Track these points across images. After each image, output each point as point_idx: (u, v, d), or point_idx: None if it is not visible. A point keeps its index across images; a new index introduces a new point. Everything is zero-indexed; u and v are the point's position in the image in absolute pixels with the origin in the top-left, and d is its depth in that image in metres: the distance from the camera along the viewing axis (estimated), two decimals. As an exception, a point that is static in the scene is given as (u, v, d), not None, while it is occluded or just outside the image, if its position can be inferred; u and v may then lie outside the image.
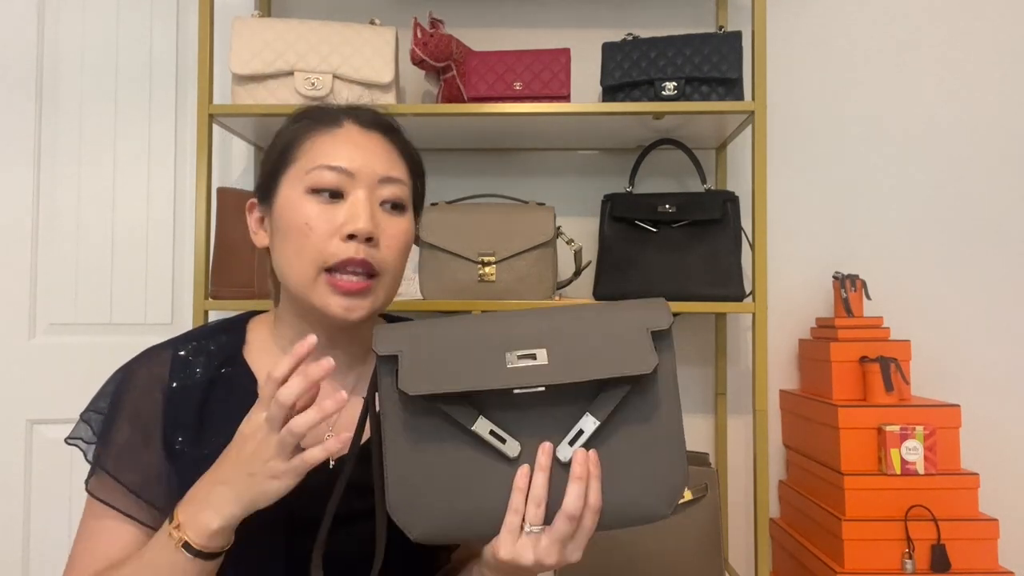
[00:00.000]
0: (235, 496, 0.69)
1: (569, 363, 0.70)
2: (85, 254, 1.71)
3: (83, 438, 0.83)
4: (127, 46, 1.73)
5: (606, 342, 0.71)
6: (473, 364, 0.69)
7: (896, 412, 1.44)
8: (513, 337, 0.71)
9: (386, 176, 0.82)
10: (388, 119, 0.89)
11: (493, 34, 1.75)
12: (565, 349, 0.70)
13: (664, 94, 1.43)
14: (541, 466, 0.69)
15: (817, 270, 1.73)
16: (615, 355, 0.70)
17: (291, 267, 0.80)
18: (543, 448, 0.69)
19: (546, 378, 0.69)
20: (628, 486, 0.71)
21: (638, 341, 0.71)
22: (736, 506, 1.71)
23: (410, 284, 1.55)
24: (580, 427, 0.70)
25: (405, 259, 0.86)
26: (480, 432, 0.69)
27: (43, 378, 1.68)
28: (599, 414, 0.70)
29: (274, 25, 1.43)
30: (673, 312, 1.64)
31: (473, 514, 0.69)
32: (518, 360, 0.70)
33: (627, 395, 0.71)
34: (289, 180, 0.82)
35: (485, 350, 0.70)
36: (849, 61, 1.75)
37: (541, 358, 0.70)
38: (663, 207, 1.50)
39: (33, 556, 1.66)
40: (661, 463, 0.71)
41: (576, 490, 0.68)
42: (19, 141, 1.70)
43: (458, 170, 1.76)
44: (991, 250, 1.73)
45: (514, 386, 0.68)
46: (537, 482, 0.68)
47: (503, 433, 0.70)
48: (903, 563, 1.36)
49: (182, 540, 0.69)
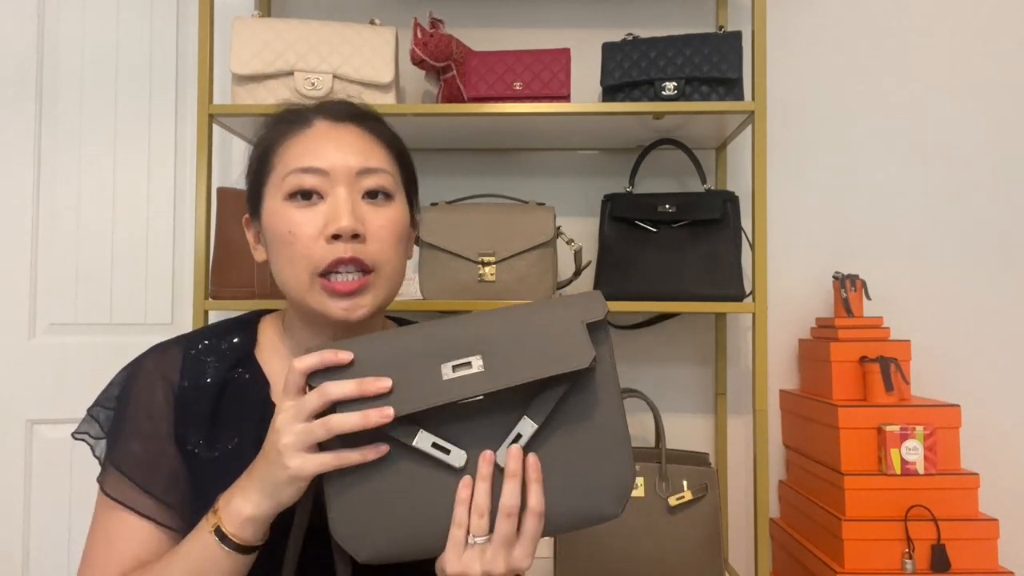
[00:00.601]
0: (261, 485, 0.68)
1: (505, 368, 0.68)
2: (85, 254, 1.71)
3: (90, 433, 0.82)
4: (127, 46, 1.73)
5: (541, 341, 0.69)
6: (409, 381, 0.67)
7: (896, 412, 1.44)
8: (446, 347, 0.69)
9: (364, 168, 0.79)
10: (362, 108, 0.86)
11: (493, 34, 1.75)
12: (500, 353, 0.69)
13: (664, 94, 1.43)
14: (482, 476, 0.67)
15: (817, 270, 1.73)
16: (551, 353, 0.68)
17: (286, 277, 0.79)
18: (483, 457, 0.67)
19: (483, 386, 0.67)
20: (573, 486, 0.69)
21: (573, 336, 0.69)
22: (736, 506, 1.71)
23: (410, 284, 1.55)
24: (518, 431, 0.68)
25: (403, 248, 0.83)
26: (422, 447, 0.67)
27: (43, 378, 1.68)
28: (537, 416, 0.68)
29: (274, 25, 1.43)
30: (673, 312, 1.66)
31: (420, 531, 0.68)
32: (453, 372, 0.68)
33: (565, 393, 0.69)
34: (270, 190, 0.81)
35: (420, 365, 0.68)
36: (849, 61, 1.75)
37: (476, 366, 0.68)
38: (663, 207, 1.50)
39: (33, 556, 1.66)
40: (606, 461, 0.70)
41: (511, 488, 0.66)
42: (19, 141, 1.70)
43: (458, 170, 1.76)
44: (991, 250, 1.73)
45: (451, 399, 0.67)
46: (479, 491, 0.67)
47: (446, 444, 0.68)
48: (903, 563, 1.36)
49: (216, 525, 0.69)
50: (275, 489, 0.68)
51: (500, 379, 0.67)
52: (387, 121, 0.87)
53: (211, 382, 0.81)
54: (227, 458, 0.75)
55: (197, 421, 0.79)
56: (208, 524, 0.70)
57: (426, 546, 0.68)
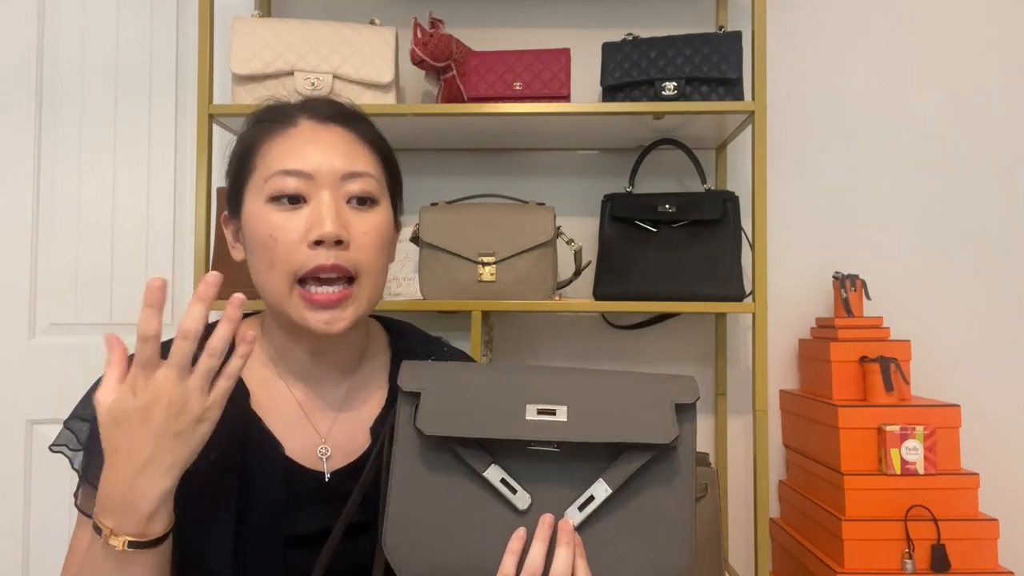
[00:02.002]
0: (166, 467, 0.66)
1: (588, 423, 0.69)
2: (85, 254, 1.71)
3: (68, 446, 0.80)
4: (127, 46, 1.73)
5: (628, 408, 0.70)
6: (492, 412, 0.69)
7: (896, 412, 1.44)
8: (534, 390, 0.71)
9: (349, 172, 0.77)
10: (348, 107, 0.83)
11: (493, 34, 1.75)
12: (586, 409, 0.70)
13: (664, 94, 1.43)
14: (541, 537, 0.66)
15: (817, 270, 1.73)
16: (636, 422, 0.69)
17: (264, 281, 0.77)
18: (544, 520, 0.67)
19: (562, 435, 0.68)
20: (629, 562, 0.68)
21: (661, 411, 0.70)
22: (736, 506, 1.71)
23: (410, 284, 1.55)
24: (591, 492, 0.69)
25: (385, 254, 0.82)
26: (491, 479, 0.68)
27: (43, 378, 1.68)
28: (612, 481, 0.68)
29: (274, 25, 1.43)
30: (673, 312, 1.66)
31: (468, 562, 0.68)
32: (537, 414, 0.69)
33: (643, 466, 0.69)
34: (251, 191, 0.78)
35: (506, 400, 0.70)
36: (849, 61, 1.75)
37: (560, 415, 0.69)
38: (663, 207, 1.50)
39: (33, 556, 1.66)
40: (668, 541, 0.69)
41: (562, 555, 0.65)
42: (19, 141, 1.70)
43: (458, 170, 1.76)
44: (991, 250, 1.73)
45: (529, 439, 0.68)
46: (534, 551, 0.66)
47: (515, 483, 0.68)
48: (903, 563, 1.36)
49: (125, 541, 0.66)
50: (189, 454, 0.67)
51: (582, 433, 0.68)
52: (377, 124, 0.85)
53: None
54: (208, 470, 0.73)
55: None
56: (115, 547, 0.66)
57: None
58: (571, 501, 0.68)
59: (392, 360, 0.89)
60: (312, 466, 0.80)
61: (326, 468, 0.80)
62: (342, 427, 0.83)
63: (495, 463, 0.69)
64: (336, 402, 0.84)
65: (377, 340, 0.91)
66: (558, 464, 0.69)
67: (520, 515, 0.68)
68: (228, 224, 0.85)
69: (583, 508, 0.68)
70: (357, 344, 0.86)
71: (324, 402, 0.83)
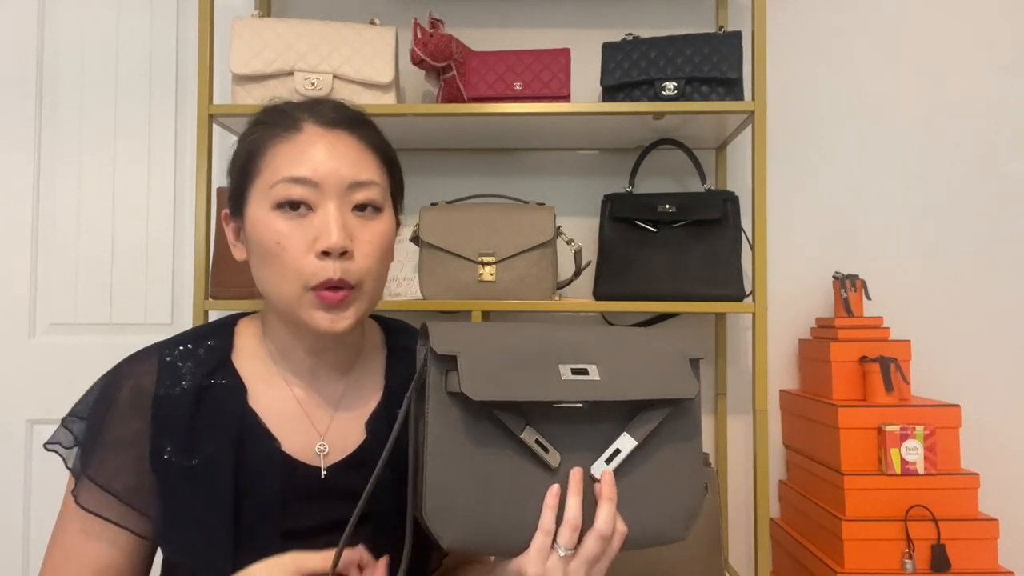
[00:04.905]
0: None
1: (619, 381, 0.71)
2: (85, 254, 1.71)
3: (62, 443, 0.80)
4: (127, 46, 1.73)
5: (650, 365, 0.74)
6: (529, 374, 0.70)
7: (896, 412, 1.44)
8: (565, 351, 0.72)
9: (355, 181, 0.77)
10: (353, 111, 0.83)
11: (493, 34, 1.75)
12: (614, 367, 0.72)
13: (664, 94, 1.43)
14: (574, 490, 0.69)
15: (817, 270, 1.73)
16: (659, 378, 0.73)
17: (274, 287, 0.78)
18: (574, 474, 0.70)
19: (596, 394, 0.70)
20: (653, 508, 0.73)
21: (680, 367, 0.75)
22: (736, 506, 1.71)
23: (410, 284, 1.55)
24: (617, 446, 0.71)
25: (386, 259, 0.82)
26: (527, 440, 0.69)
27: (43, 378, 1.68)
28: (637, 434, 0.72)
29: (274, 25, 1.43)
30: (673, 312, 1.66)
31: (507, 524, 0.69)
32: (572, 374, 0.71)
33: (664, 419, 0.73)
34: (255, 195, 0.78)
35: (541, 360, 0.71)
36: (849, 61, 1.75)
37: (593, 374, 0.71)
38: (663, 207, 1.50)
39: (33, 556, 1.66)
40: (685, 487, 0.74)
41: (607, 509, 0.69)
42: (19, 141, 1.70)
43: (458, 170, 1.76)
44: (991, 250, 1.73)
45: (568, 399, 0.69)
46: (571, 506, 0.69)
47: (547, 443, 0.70)
48: (903, 563, 1.36)
49: None
50: None
51: (614, 391, 0.71)
52: (378, 125, 0.85)
53: (187, 388, 0.79)
54: (203, 466, 0.74)
55: (173, 429, 0.78)
56: None
57: (508, 543, 0.70)
58: (593, 456, 0.71)
59: (388, 358, 0.90)
60: (309, 462, 0.81)
61: (323, 464, 0.81)
62: (340, 424, 0.84)
63: (529, 424, 0.70)
64: (334, 399, 0.85)
65: (373, 338, 0.92)
66: (582, 423, 0.72)
67: (552, 473, 0.70)
68: (229, 222, 0.85)
69: (609, 461, 0.71)
70: (355, 342, 0.87)
71: (323, 399, 0.84)
